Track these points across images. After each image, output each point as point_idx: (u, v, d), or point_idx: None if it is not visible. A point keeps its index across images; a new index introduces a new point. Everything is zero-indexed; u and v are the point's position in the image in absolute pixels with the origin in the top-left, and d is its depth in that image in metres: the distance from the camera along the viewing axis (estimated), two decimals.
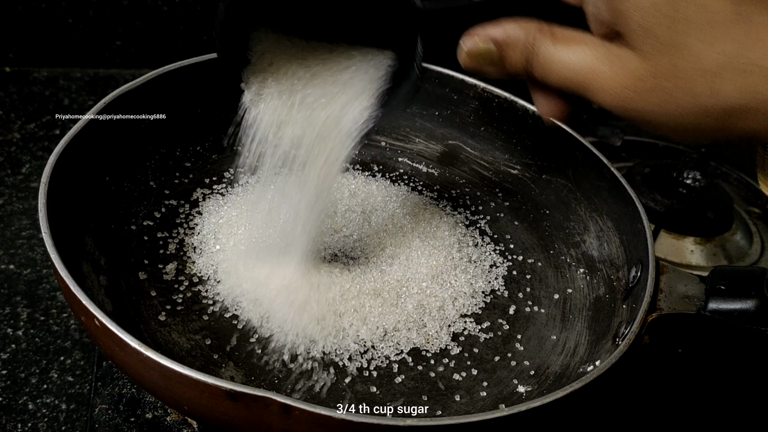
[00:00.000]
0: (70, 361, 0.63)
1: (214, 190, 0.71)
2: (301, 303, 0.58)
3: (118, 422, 0.56)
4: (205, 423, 0.51)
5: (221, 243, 0.64)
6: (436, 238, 0.68)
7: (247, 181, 0.72)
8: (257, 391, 0.42)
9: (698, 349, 0.67)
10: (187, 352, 0.56)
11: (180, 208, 0.68)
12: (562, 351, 0.61)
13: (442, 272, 0.65)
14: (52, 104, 0.93)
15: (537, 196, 0.75)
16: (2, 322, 0.65)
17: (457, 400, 0.56)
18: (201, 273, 0.62)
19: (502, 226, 0.73)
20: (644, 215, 0.62)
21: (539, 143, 0.75)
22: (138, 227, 0.65)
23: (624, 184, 0.65)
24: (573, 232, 0.71)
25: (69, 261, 0.50)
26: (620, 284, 0.64)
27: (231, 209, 0.68)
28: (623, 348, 0.52)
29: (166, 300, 0.60)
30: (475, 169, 0.78)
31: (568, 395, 0.47)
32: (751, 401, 0.65)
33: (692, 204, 0.78)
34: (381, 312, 0.60)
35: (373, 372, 0.57)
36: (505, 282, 0.67)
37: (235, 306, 0.59)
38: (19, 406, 0.59)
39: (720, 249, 0.76)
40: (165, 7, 0.99)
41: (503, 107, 0.76)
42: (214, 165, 0.73)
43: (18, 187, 0.79)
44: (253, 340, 0.57)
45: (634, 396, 0.63)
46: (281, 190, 0.67)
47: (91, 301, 0.46)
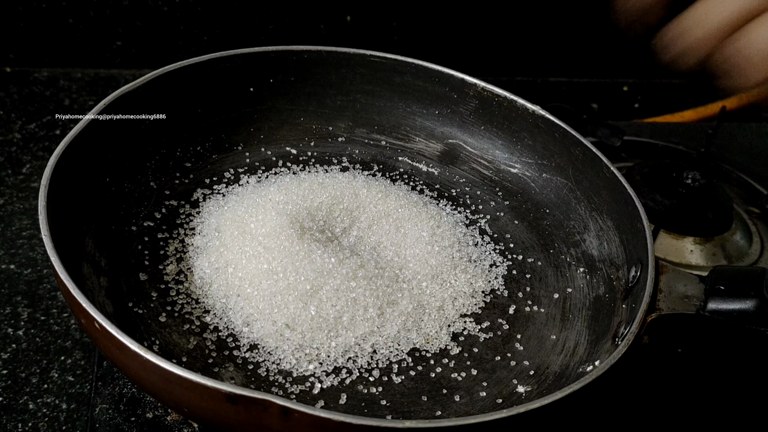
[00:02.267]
0: (71, 360, 0.63)
1: (214, 190, 0.71)
2: (299, 304, 0.58)
3: (119, 422, 0.56)
4: (205, 425, 0.52)
5: (222, 243, 0.64)
6: (436, 237, 0.68)
7: (248, 181, 0.72)
8: (256, 394, 0.42)
9: (698, 349, 0.67)
10: (187, 353, 0.56)
11: (180, 208, 0.68)
12: (561, 351, 0.61)
13: (441, 272, 0.65)
14: (53, 104, 0.93)
15: (537, 195, 0.75)
16: (3, 322, 0.65)
17: (457, 401, 0.56)
18: (202, 274, 0.62)
19: (502, 226, 0.73)
20: (644, 215, 0.62)
21: (539, 142, 0.75)
22: (138, 228, 0.65)
23: (624, 184, 0.65)
24: (573, 232, 0.71)
25: (69, 262, 0.51)
26: (620, 284, 0.64)
27: (231, 209, 0.68)
28: (622, 348, 0.52)
29: (167, 301, 0.60)
30: (475, 168, 0.78)
31: (567, 396, 0.47)
32: (750, 401, 0.65)
33: (692, 204, 0.78)
34: (380, 312, 0.60)
35: (372, 372, 0.57)
36: (504, 281, 0.67)
37: (236, 307, 0.59)
38: (20, 405, 0.59)
39: (719, 249, 0.76)
40: (165, 7, 0.99)
41: (503, 106, 0.76)
42: (215, 165, 0.73)
43: (18, 187, 0.79)
44: (253, 341, 0.58)
45: (634, 396, 0.63)
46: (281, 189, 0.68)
47: (91, 304, 0.46)
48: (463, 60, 1.05)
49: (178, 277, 0.62)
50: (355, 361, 0.58)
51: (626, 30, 0.64)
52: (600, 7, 1.15)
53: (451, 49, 1.11)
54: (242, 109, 0.76)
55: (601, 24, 1.15)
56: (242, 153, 0.75)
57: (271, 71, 0.76)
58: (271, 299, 0.59)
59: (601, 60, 1.18)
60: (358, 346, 0.58)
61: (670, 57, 0.58)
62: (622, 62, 1.18)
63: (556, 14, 1.13)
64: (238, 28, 1.03)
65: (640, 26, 0.61)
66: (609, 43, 1.16)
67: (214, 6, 1.01)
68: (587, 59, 1.17)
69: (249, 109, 0.76)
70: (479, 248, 0.70)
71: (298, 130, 0.78)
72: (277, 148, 0.77)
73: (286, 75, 0.77)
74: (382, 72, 0.78)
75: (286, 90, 0.77)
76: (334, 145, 0.79)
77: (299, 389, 0.55)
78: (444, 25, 1.10)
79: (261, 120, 0.77)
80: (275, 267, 0.60)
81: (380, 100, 0.80)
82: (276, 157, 0.76)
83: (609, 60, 1.18)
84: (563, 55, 1.17)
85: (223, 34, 1.03)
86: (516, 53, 1.15)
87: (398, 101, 0.80)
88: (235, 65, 0.74)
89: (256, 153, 0.76)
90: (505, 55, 1.15)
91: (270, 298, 0.59)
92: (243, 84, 0.75)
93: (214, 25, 1.02)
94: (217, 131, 0.75)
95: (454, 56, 1.08)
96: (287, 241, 0.61)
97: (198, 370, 0.54)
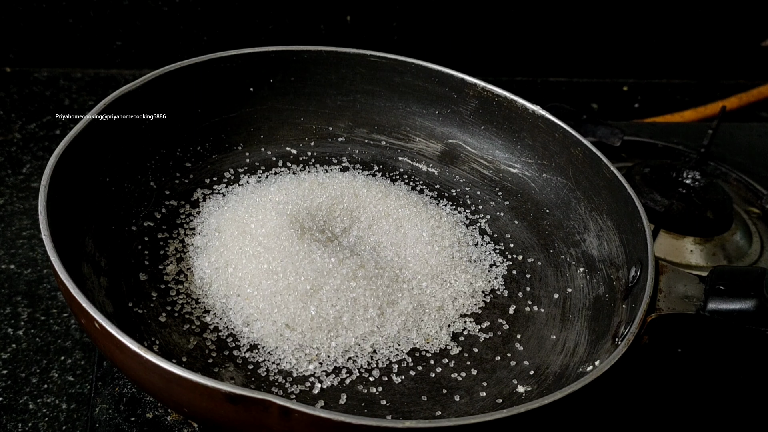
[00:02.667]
0: (71, 360, 0.63)
1: (214, 190, 0.71)
2: (299, 304, 0.58)
3: (119, 422, 0.56)
4: (205, 425, 0.52)
5: (222, 243, 0.64)
6: (436, 237, 0.68)
7: (248, 181, 0.72)
8: (256, 394, 0.42)
9: (698, 349, 0.67)
10: (187, 353, 0.56)
11: (180, 208, 0.68)
12: (561, 351, 0.61)
13: (441, 272, 0.65)
14: (53, 104, 0.93)
15: (537, 195, 0.75)
16: (3, 322, 0.65)
17: (457, 401, 0.56)
18: (202, 274, 0.62)
19: (502, 226, 0.73)
20: (644, 215, 0.62)
21: (539, 142, 0.75)
22: (138, 228, 0.65)
23: (624, 184, 0.66)
24: (573, 232, 0.71)
25: (69, 262, 0.51)
26: (620, 284, 0.64)
27: (231, 209, 0.68)
28: (622, 348, 0.52)
29: (167, 301, 0.60)
30: (476, 168, 0.78)
31: (567, 396, 0.47)
32: (750, 401, 0.65)
33: (692, 204, 0.78)
34: (380, 312, 0.60)
35: (372, 372, 0.57)
36: (505, 281, 0.67)
37: (236, 307, 0.59)
38: (20, 405, 0.59)
39: (719, 249, 0.76)
40: (165, 7, 0.99)
41: (503, 106, 0.76)
42: (215, 165, 0.73)
43: (18, 187, 0.79)
44: (253, 341, 0.58)
45: (633, 396, 0.63)
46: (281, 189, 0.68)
47: (91, 304, 0.46)
48: (463, 60, 1.05)
49: (178, 277, 0.62)
50: (355, 361, 0.58)
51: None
52: (600, 8, 1.15)
53: (451, 49, 1.11)
54: (242, 109, 0.76)
55: (601, 24, 1.16)
56: (242, 153, 0.75)
57: (271, 71, 0.76)
58: (271, 299, 0.59)
59: (601, 60, 1.18)
60: (358, 346, 0.58)
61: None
62: (622, 62, 1.19)
63: (556, 14, 1.13)
64: (238, 28, 1.03)
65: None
66: (609, 43, 1.16)
67: (214, 6, 1.01)
68: (587, 59, 1.17)
69: (249, 109, 0.76)
70: (479, 248, 0.70)
71: (298, 130, 0.78)
72: (277, 148, 0.77)
73: (286, 75, 0.77)
74: (382, 72, 0.78)
75: (286, 90, 0.77)
76: (334, 145, 0.79)
77: (299, 389, 0.55)
78: (444, 25, 1.10)
79: (261, 120, 0.77)
80: (275, 267, 0.60)
81: (380, 100, 0.80)
82: (276, 157, 0.76)
83: (609, 60, 1.18)
84: (563, 55, 1.17)
85: (223, 34, 1.03)
86: (516, 53, 1.15)
87: (398, 101, 0.80)
88: (235, 65, 0.74)
89: (256, 153, 0.76)
90: (505, 55, 1.15)
91: (270, 298, 0.59)
92: (243, 84, 0.75)
93: (214, 25, 1.02)
94: (217, 131, 0.75)
95: (454, 56, 1.09)
96: (287, 241, 0.61)
97: (198, 370, 0.54)
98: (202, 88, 0.72)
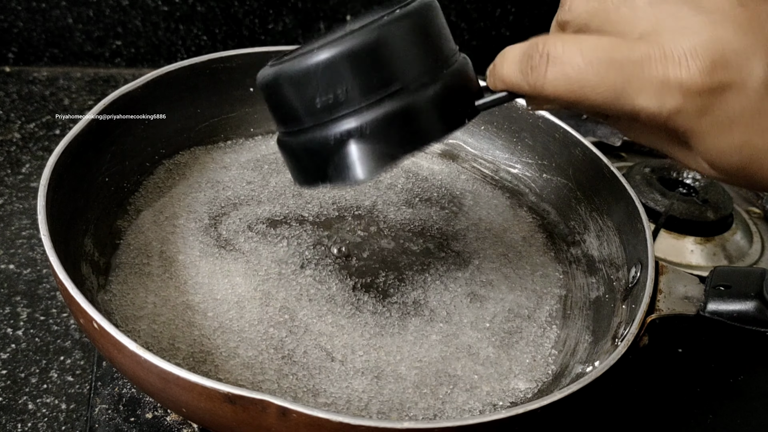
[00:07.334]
0: (70, 360, 0.63)
1: None
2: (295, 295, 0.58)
3: (118, 422, 0.56)
4: (203, 425, 0.51)
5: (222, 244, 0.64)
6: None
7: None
8: (255, 394, 0.42)
9: (698, 350, 0.67)
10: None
11: None
12: (561, 351, 0.61)
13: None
14: (52, 104, 0.93)
15: (537, 195, 0.75)
16: (2, 322, 0.65)
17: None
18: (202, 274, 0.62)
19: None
20: (644, 215, 0.62)
21: (539, 142, 0.75)
22: None
23: (624, 184, 0.65)
24: (573, 232, 0.71)
25: (68, 263, 0.51)
26: (620, 284, 0.64)
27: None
28: (622, 349, 0.52)
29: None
30: (476, 168, 0.78)
31: (567, 396, 0.47)
32: (750, 402, 0.65)
33: (692, 204, 0.78)
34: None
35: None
36: None
37: (236, 307, 0.59)
38: (19, 405, 0.59)
39: (720, 249, 0.76)
40: (165, 7, 0.99)
41: (503, 106, 0.76)
42: None
43: (18, 187, 0.79)
44: (252, 341, 0.57)
45: (633, 397, 0.63)
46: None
47: (90, 304, 0.46)
48: None
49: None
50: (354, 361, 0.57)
51: None
52: None
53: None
54: (242, 109, 0.76)
55: None
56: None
57: None
58: (270, 300, 0.59)
59: None
60: (356, 346, 0.58)
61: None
62: None
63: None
64: (238, 28, 1.03)
65: None
66: None
67: (214, 6, 1.01)
68: None
69: (249, 109, 0.76)
70: None
71: None
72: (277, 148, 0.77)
73: None
74: None
75: None
76: None
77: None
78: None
79: (261, 120, 0.77)
80: (274, 268, 0.60)
81: None
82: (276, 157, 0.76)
83: None
84: None
85: (223, 34, 1.03)
86: None
87: None
88: (235, 65, 0.74)
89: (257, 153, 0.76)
90: None
91: (269, 299, 0.59)
92: (243, 84, 0.75)
93: (214, 25, 1.02)
94: (217, 131, 0.75)
95: None
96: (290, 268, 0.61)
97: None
98: (202, 88, 0.72)
